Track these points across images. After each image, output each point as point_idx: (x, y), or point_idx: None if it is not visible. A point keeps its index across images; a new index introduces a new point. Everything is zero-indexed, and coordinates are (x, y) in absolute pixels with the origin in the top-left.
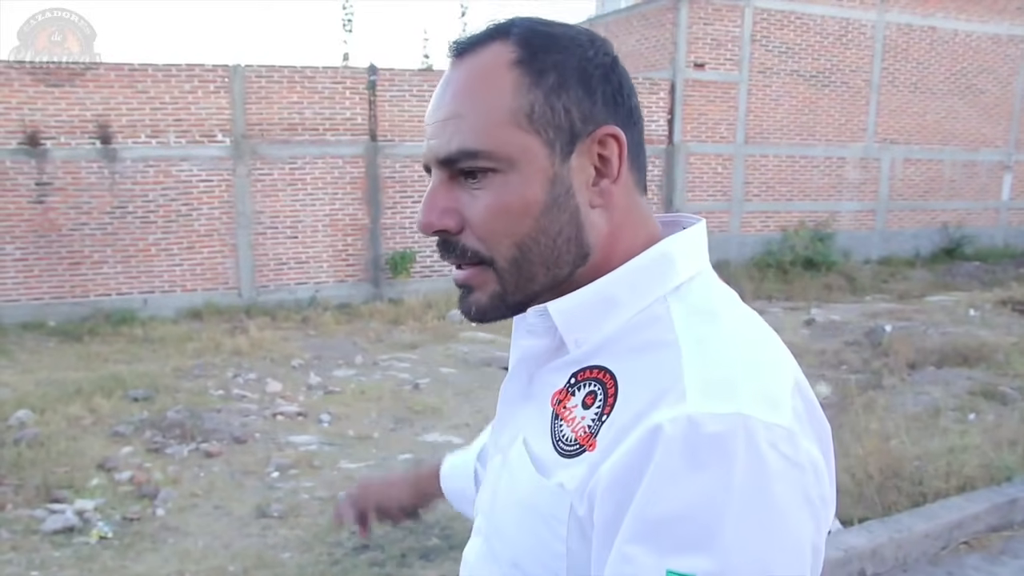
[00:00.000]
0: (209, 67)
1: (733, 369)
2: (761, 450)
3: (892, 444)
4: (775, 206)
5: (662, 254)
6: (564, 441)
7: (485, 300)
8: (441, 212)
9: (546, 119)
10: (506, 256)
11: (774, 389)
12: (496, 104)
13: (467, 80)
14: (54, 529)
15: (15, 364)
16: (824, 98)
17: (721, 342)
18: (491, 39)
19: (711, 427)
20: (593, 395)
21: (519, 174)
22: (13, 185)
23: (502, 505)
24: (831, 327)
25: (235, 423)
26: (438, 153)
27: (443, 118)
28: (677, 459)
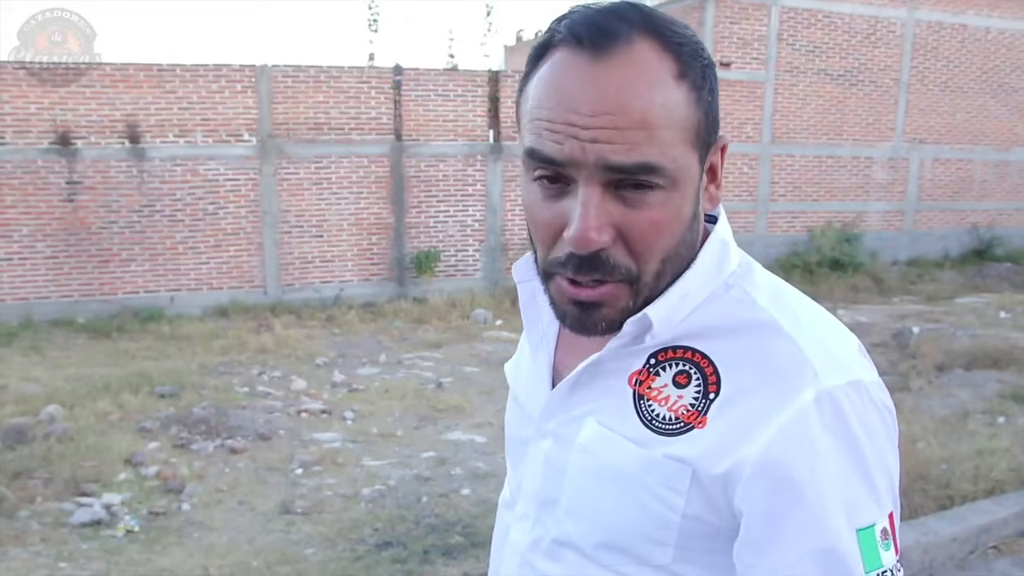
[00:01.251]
0: (236, 67)
1: (834, 342)
2: (879, 406)
3: (919, 447)
4: (802, 206)
5: (721, 242)
6: (660, 420)
7: (615, 315)
8: (601, 227)
9: (704, 136)
10: (652, 271)
11: (858, 352)
12: (676, 121)
13: (640, 85)
14: (82, 522)
15: (45, 360)
16: (852, 97)
17: (811, 319)
18: (631, 32)
19: (846, 398)
20: (686, 375)
21: (681, 191)
22: (44, 184)
23: (577, 487)
24: (858, 329)
25: (260, 420)
26: (610, 159)
27: (619, 124)
28: (833, 433)
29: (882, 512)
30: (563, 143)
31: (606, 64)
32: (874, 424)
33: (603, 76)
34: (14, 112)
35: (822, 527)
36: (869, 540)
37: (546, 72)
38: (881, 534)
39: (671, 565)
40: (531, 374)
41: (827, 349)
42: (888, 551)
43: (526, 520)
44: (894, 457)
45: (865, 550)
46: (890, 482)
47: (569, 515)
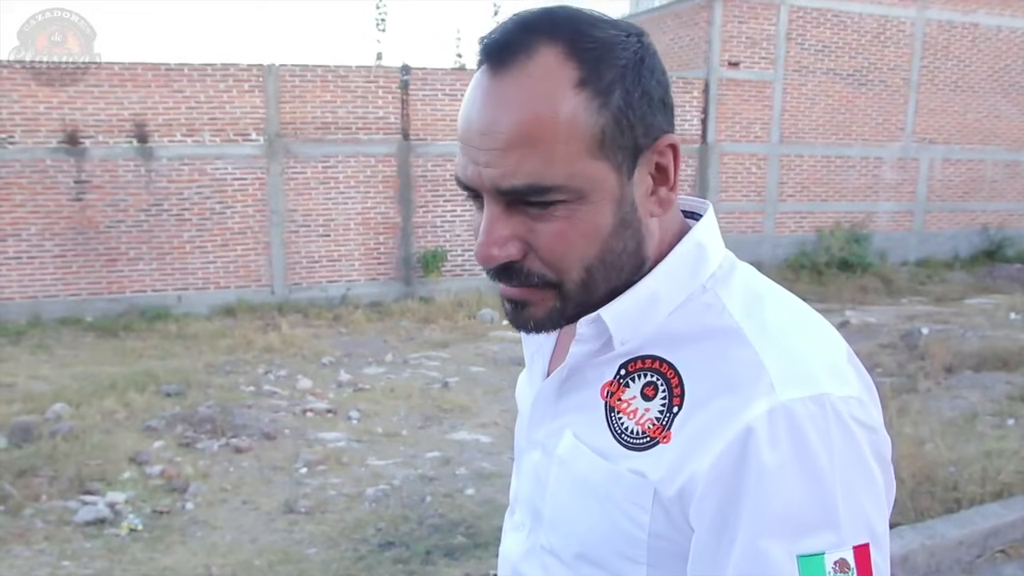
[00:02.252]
0: (243, 67)
1: (803, 352)
2: (847, 423)
3: (926, 448)
4: (810, 206)
5: (696, 244)
6: (628, 434)
7: (542, 315)
8: (503, 242)
9: (615, 143)
10: (574, 279)
11: (838, 362)
12: (569, 134)
13: (525, 102)
14: (86, 520)
15: (53, 359)
16: (861, 97)
17: (782, 325)
18: (536, 43)
19: (805, 413)
20: (653, 386)
21: (589, 202)
22: (53, 183)
23: (558, 499)
24: (866, 329)
25: (265, 419)
26: (499, 184)
27: (503, 146)
28: (783, 450)
29: (841, 540)
30: (467, 167)
31: (500, 81)
32: (839, 443)
33: (495, 95)
34: (23, 111)
35: (757, 551)
36: (814, 570)
37: (466, 93)
38: (835, 565)
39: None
40: (528, 384)
41: (792, 359)
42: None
43: (522, 529)
44: (869, 481)
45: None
46: (858, 509)
47: (551, 526)
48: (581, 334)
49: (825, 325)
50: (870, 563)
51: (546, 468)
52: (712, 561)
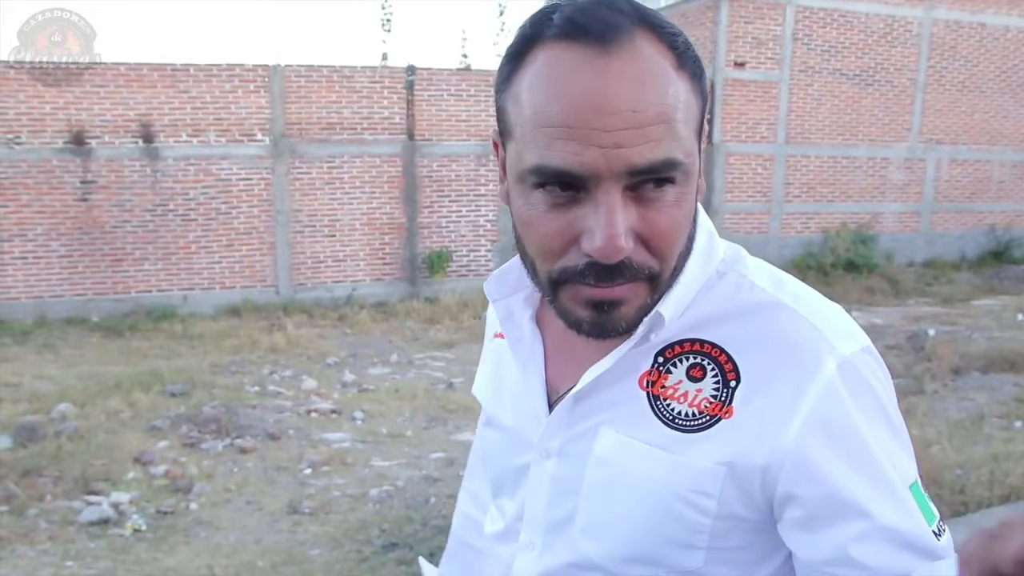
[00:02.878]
0: (249, 67)
1: (836, 316)
2: (886, 370)
3: (933, 451)
4: (816, 207)
5: (708, 232)
6: (683, 418)
7: (633, 314)
8: (627, 234)
9: (702, 125)
10: (670, 268)
11: (853, 322)
12: (687, 113)
13: (655, 80)
14: (90, 521)
15: (59, 358)
16: (868, 97)
17: (809, 297)
18: (630, 24)
19: (864, 363)
20: (699, 367)
21: (690, 184)
22: (59, 183)
23: (598, 503)
24: (872, 330)
25: (269, 419)
26: (636, 163)
27: (642, 123)
28: (863, 398)
29: (915, 467)
30: (582, 153)
31: (616, 58)
32: (889, 386)
33: (615, 71)
34: (29, 112)
35: (884, 489)
36: (919, 495)
37: (543, 71)
38: (923, 490)
39: (703, 568)
40: (521, 395)
41: (833, 321)
42: (931, 503)
43: (532, 549)
44: (898, 410)
45: (921, 504)
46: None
47: (586, 534)
48: (638, 332)
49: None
50: None
51: (575, 473)
52: (834, 513)
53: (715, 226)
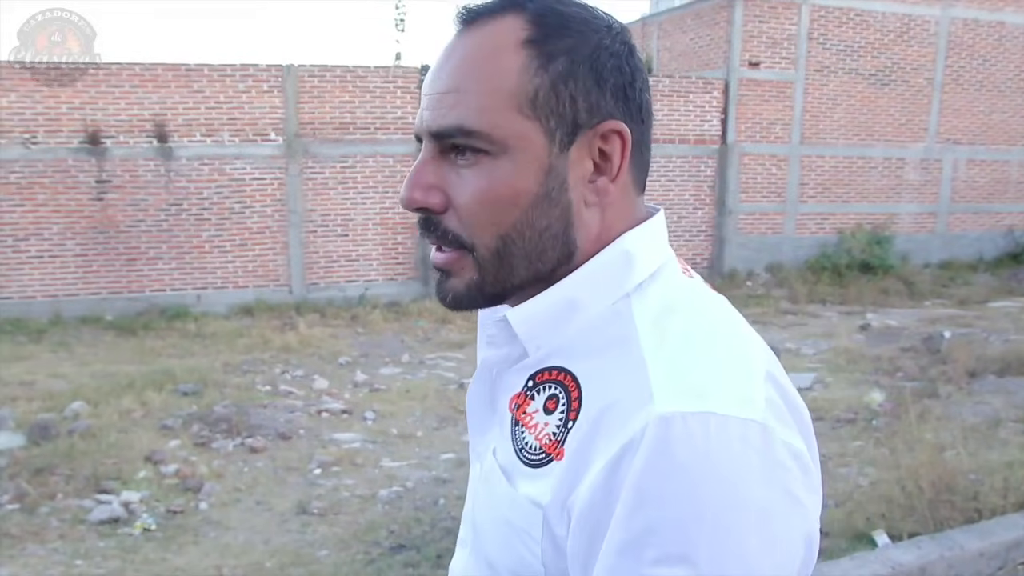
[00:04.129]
0: (263, 67)
1: (699, 364)
2: (734, 449)
3: (947, 456)
4: (831, 208)
5: (622, 251)
6: (528, 450)
7: (462, 288)
8: (427, 188)
9: (549, 106)
10: (488, 246)
11: (743, 382)
12: (500, 84)
13: (472, 54)
14: (100, 519)
15: (73, 357)
16: (884, 97)
17: (684, 336)
18: (504, 11)
19: (681, 430)
20: (555, 399)
21: (512, 161)
22: (75, 183)
23: (482, 518)
24: (887, 333)
25: (280, 419)
26: (431, 126)
27: (442, 90)
28: (652, 467)
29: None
30: (418, 117)
31: (461, 36)
32: (722, 470)
33: (453, 47)
34: (46, 112)
35: (612, 562)
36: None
37: None
38: None
39: None
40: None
41: (682, 372)
42: None
43: (465, 546)
44: (758, 521)
45: None
46: (730, 549)
47: (481, 545)
48: (491, 336)
49: (747, 343)
50: None
51: (477, 484)
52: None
53: (730, 226)
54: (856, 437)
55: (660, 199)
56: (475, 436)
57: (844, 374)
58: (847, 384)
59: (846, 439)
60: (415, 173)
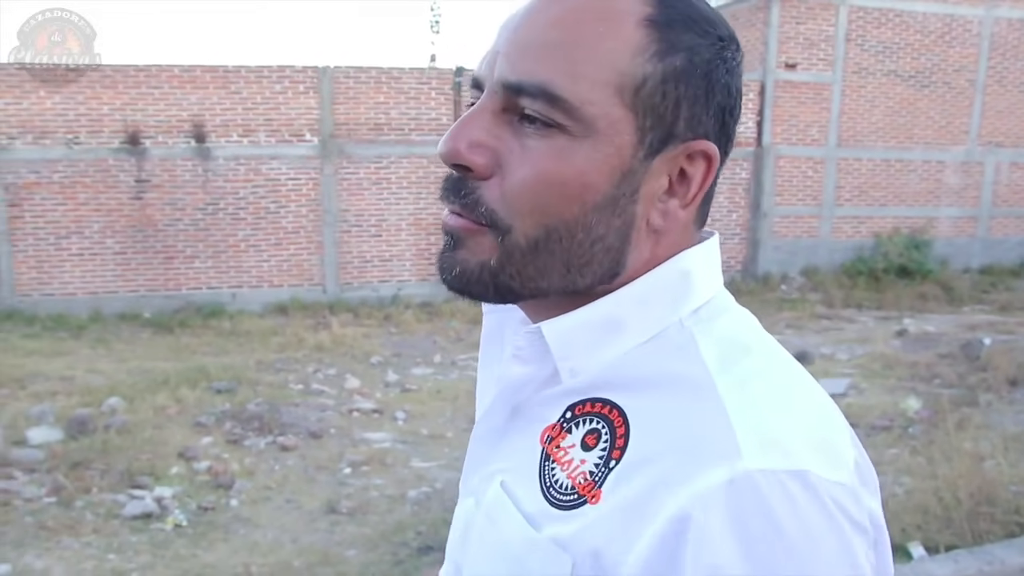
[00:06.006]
0: (299, 68)
1: (789, 418)
2: (832, 512)
3: (987, 466)
4: (868, 211)
5: (680, 271)
6: (558, 488)
7: (474, 265)
8: (475, 144)
9: (652, 102)
10: (527, 234)
11: (833, 439)
12: (609, 56)
13: (584, 10)
14: (133, 514)
15: (111, 353)
16: (924, 99)
17: (767, 383)
18: None
19: (778, 488)
20: (596, 434)
21: (594, 148)
22: (115, 182)
23: (477, 560)
24: (925, 338)
25: (312, 418)
26: (507, 75)
27: (534, 39)
28: (746, 535)
29: None
30: (485, 55)
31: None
32: (824, 537)
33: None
34: (88, 113)
35: None
36: None
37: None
38: None
39: None
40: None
41: (771, 424)
42: None
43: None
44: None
45: None
46: None
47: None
48: (519, 349)
49: (824, 396)
50: None
51: (471, 519)
52: None
53: (765, 229)
54: (891, 445)
55: None
56: (473, 468)
57: (879, 380)
58: (882, 390)
59: (881, 447)
60: (464, 122)
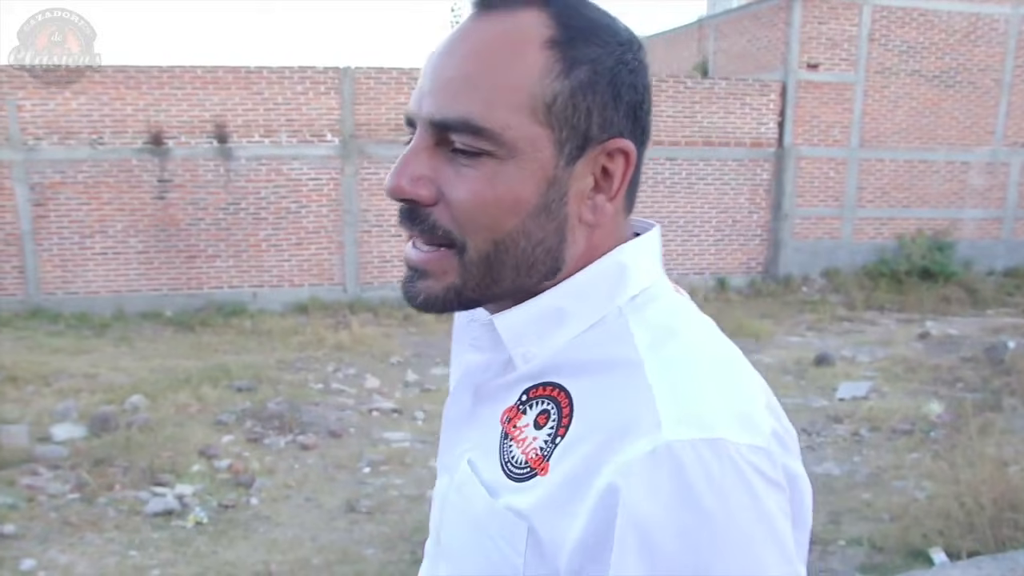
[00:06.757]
0: (320, 69)
1: (705, 392)
2: (745, 474)
3: (1010, 472)
4: (890, 212)
5: (616, 263)
6: (514, 463)
7: (438, 291)
8: (416, 179)
9: (565, 116)
10: (480, 249)
11: (749, 409)
12: (518, 82)
13: (491, 43)
14: (155, 512)
15: (134, 351)
16: (948, 99)
17: (689, 363)
18: (528, 3)
19: (694, 456)
20: (546, 414)
21: (518, 167)
22: (138, 182)
23: (451, 529)
24: (947, 342)
25: (332, 417)
26: (433, 113)
27: (452, 76)
28: (662, 499)
29: None
30: (413, 99)
31: (476, 24)
32: (735, 496)
33: (465, 34)
34: (112, 114)
35: None
36: None
37: None
38: None
39: None
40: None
41: (690, 399)
42: None
43: (427, 558)
44: (775, 546)
45: None
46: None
47: (446, 558)
48: (475, 339)
49: (747, 373)
50: None
51: (446, 495)
52: None
53: (786, 230)
54: (913, 449)
55: (714, 203)
56: (447, 448)
57: (901, 383)
58: (904, 394)
59: (902, 451)
60: (404, 161)
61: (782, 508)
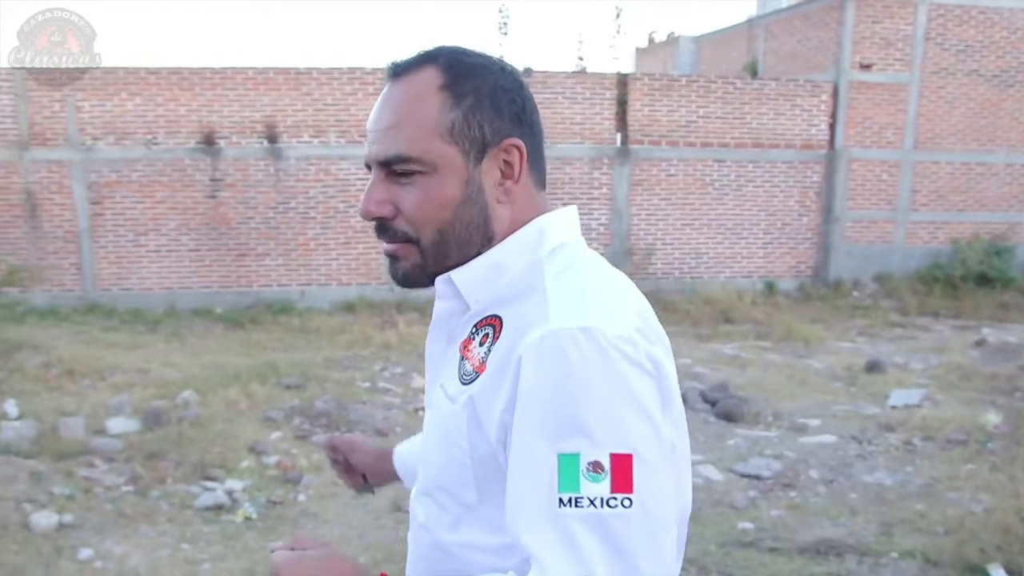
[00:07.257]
0: (369, 70)
1: (585, 298)
2: (608, 351)
3: None
4: (946, 216)
5: (537, 227)
6: (464, 372)
7: (409, 268)
8: (379, 203)
9: (463, 133)
10: (429, 238)
11: (618, 311)
12: (426, 120)
13: (403, 98)
14: (205, 506)
15: (185, 347)
16: (1008, 100)
17: (576, 280)
18: (423, 64)
19: (568, 338)
20: (487, 335)
21: (441, 176)
22: (191, 181)
23: (428, 438)
24: (1005, 349)
25: (378, 416)
26: (378, 155)
27: (384, 127)
28: (545, 367)
29: (595, 446)
30: (366, 149)
31: (394, 88)
32: (597, 365)
33: (388, 95)
34: (166, 115)
35: (526, 447)
36: (570, 466)
37: None
38: (589, 465)
39: (478, 506)
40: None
41: (572, 302)
42: (596, 483)
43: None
44: (630, 403)
45: (563, 473)
46: (614, 423)
47: (425, 467)
48: (439, 291)
49: (624, 293)
50: (631, 472)
51: (429, 418)
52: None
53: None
54: (968, 460)
55: (763, 205)
56: (431, 382)
57: (956, 392)
58: (959, 403)
59: (957, 461)
60: (369, 192)
61: (644, 383)
